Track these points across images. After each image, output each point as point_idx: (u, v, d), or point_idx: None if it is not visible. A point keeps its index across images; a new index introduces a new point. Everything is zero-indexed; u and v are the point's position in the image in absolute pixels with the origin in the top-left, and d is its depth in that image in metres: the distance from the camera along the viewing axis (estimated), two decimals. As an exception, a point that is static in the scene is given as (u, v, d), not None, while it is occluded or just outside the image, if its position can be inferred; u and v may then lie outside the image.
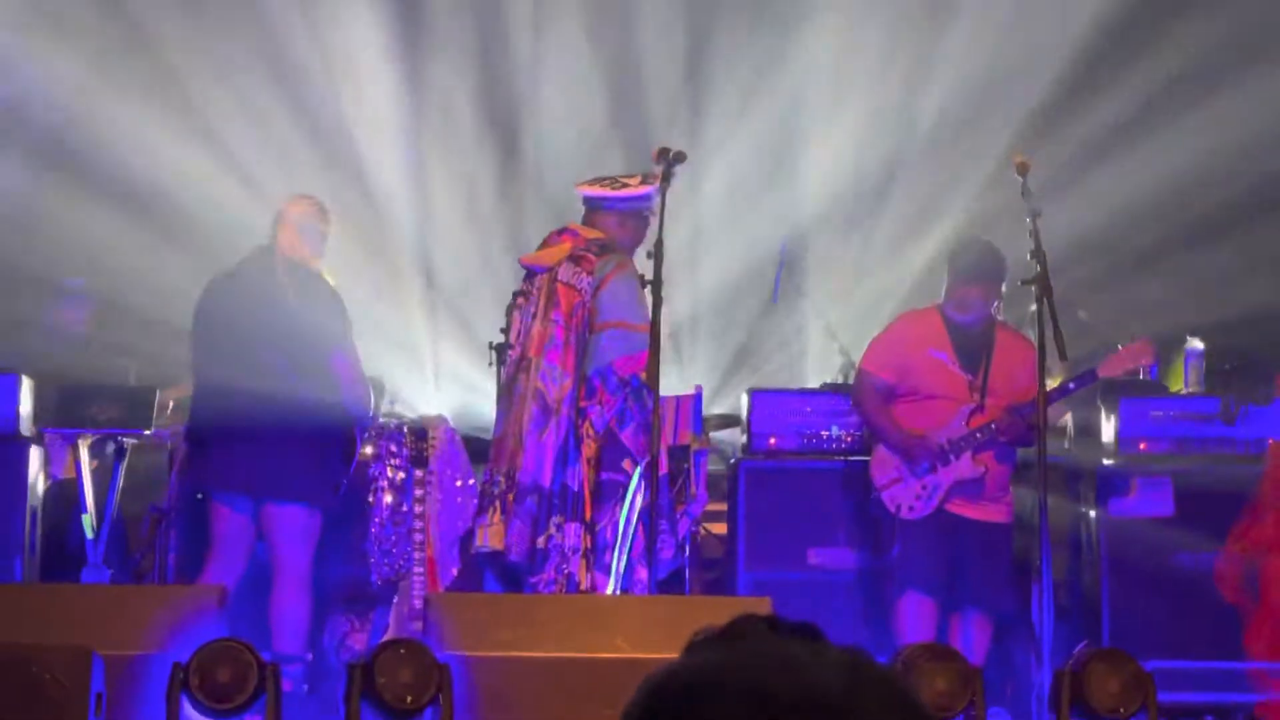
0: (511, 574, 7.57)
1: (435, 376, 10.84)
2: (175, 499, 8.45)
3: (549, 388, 7.51)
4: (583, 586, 7.40)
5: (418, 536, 7.88)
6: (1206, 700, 8.18)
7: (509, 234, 11.11)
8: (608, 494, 7.47)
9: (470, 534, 7.93)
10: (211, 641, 6.11)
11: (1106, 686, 6.40)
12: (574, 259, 7.65)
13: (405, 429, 8.33)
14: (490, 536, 7.51)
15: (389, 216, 11.07)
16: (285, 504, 7.72)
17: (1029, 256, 7.35)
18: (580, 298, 7.57)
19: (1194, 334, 9.14)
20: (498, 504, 7.51)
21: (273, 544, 7.77)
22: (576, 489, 7.49)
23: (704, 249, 11.20)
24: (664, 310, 7.28)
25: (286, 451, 7.69)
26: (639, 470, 7.42)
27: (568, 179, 10.71)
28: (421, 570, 7.81)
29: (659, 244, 7.28)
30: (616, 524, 7.42)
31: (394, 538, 8.21)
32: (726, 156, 11.28)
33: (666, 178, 7.42)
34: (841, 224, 11.40)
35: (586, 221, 7.85)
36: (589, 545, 7.46)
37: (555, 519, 7.46)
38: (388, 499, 8.28)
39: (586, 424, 7.52)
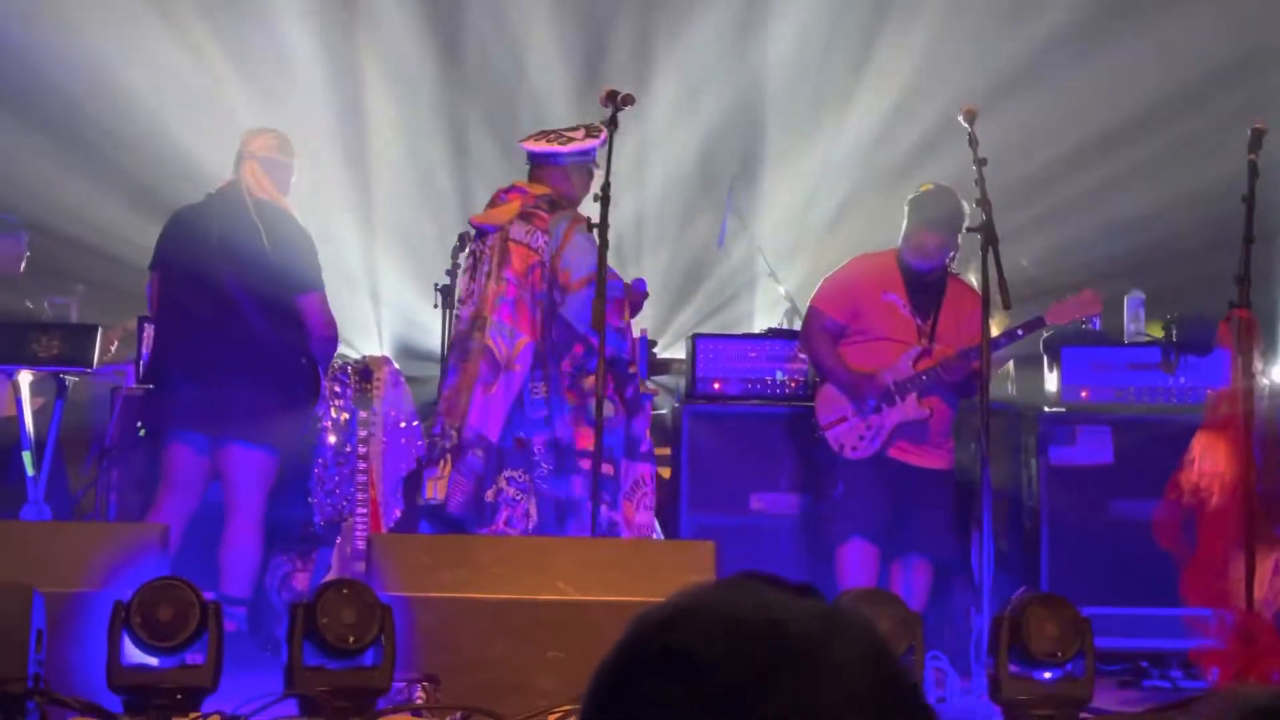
0: (451, 526, 7.60)
1: (374, 304, 10.83)
2: (117, 437, 8.41)
3: (499, 345, 7.55)
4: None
5: (361, 478, 7.86)
6: (1143, 646, 8.27)
7: (451, 158, 11.10)
8: (639, 406, 7.61)
9: (413, 479, 7.99)
10: (153, 580, 6.10)
11: (1044, 631, 6.45)
12: (524, 216, 7.66)
13: (350, 369, 8.31)
14: (438, 489, 7.56)
15: (326, 141, 10.98)
16: (249, 447, 7.66)
17: (975, 204, 7.37)
18: (537, 257, 7.60)
19: (1136, 283, 9.20)
20: (448, 457, 7.56)
21: (231, 486, 7.72)
22: (569, 441, 7.54)
23: (651, 166, 11.23)
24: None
25: (253, 393, 7.62)
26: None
27: (510, 97, 10.73)
28: (365, 511, 7.80)
29: (606, 186, 7.28)
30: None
31: (337, 478, 8.20)
32: (675, 76, 11.28)
33: (614, 121, 7.42)
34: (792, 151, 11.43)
35: (533, 177, 7.84)
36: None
37: (508, 473, 7.51)
38: (331, 439, 8.27)
39: (580, 374, 7.59)
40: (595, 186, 7.55)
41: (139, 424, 8.07)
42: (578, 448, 7.50)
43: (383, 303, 10.91)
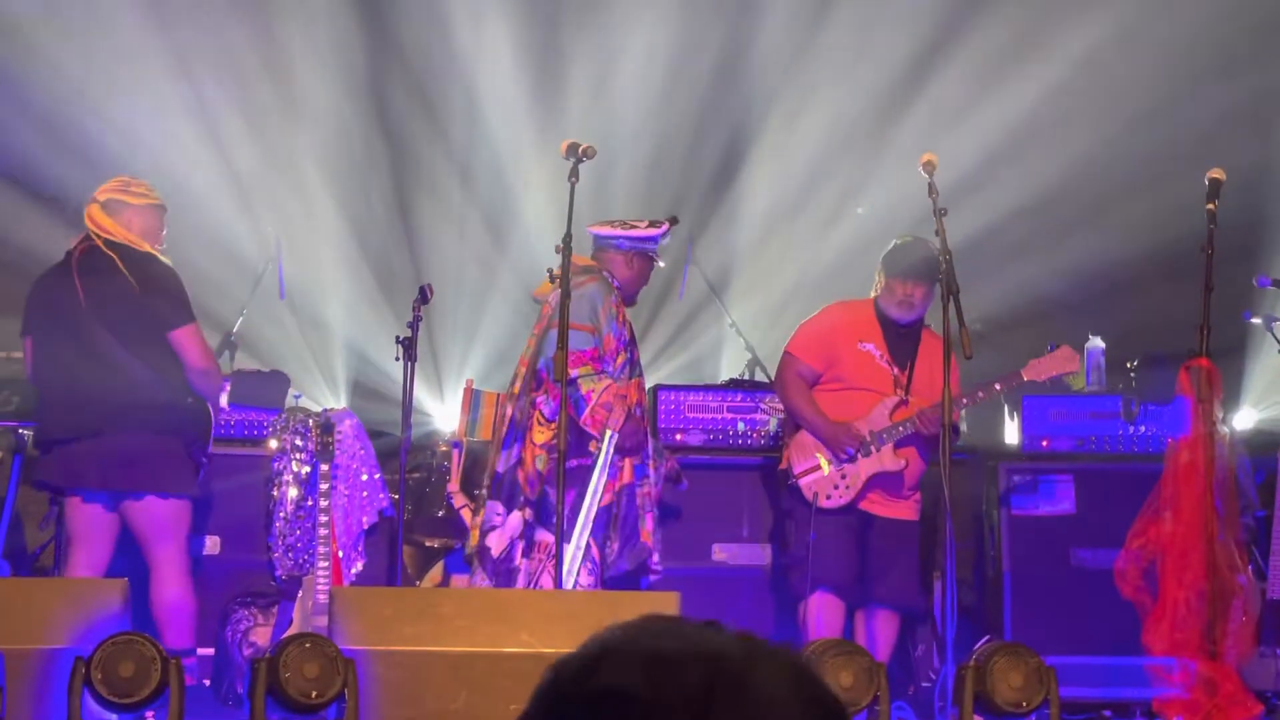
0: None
1: (328, 349, 10.80)
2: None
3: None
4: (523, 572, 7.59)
5: (322, 531, 7.84)
6: (1106, 695, 8.28)
7: (405, 203, 11.12)
8: (575, 479, 7.59)
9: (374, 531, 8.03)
10: (114, 636, 6.06)
11: (1009, 680, 6.46)
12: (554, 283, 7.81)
13: (310, 422, 8.29)
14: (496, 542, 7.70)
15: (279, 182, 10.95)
16: (142, 496, 7.54)
17: (935, 253, 7.38)
18: (549, 309, 7.72)
19: (1095, 332, 9.23)
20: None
21: (143, 540, 7.58)
22: (503, 471, 7.63)
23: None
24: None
25: (142, 442, 7.51)
26: (606, 442, 7.64)
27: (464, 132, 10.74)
28: (326, 565, 7.77)
29: (567, 238, 7.32)
30: (578, 509, 7.56)
31: (298, 532, 8.17)
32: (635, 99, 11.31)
33: (575, 173, 7.45)
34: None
35: (595, 258, 8.02)
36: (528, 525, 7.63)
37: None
38: (292, 493, 8.23)
39: (537, 413, 7.64)
40: (651, 275, 8.09)
41: (45, 488, 7.92)
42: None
43: (338, 348, 10.87)
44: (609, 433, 7.61)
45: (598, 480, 7.60)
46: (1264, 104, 10.88)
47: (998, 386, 8.12)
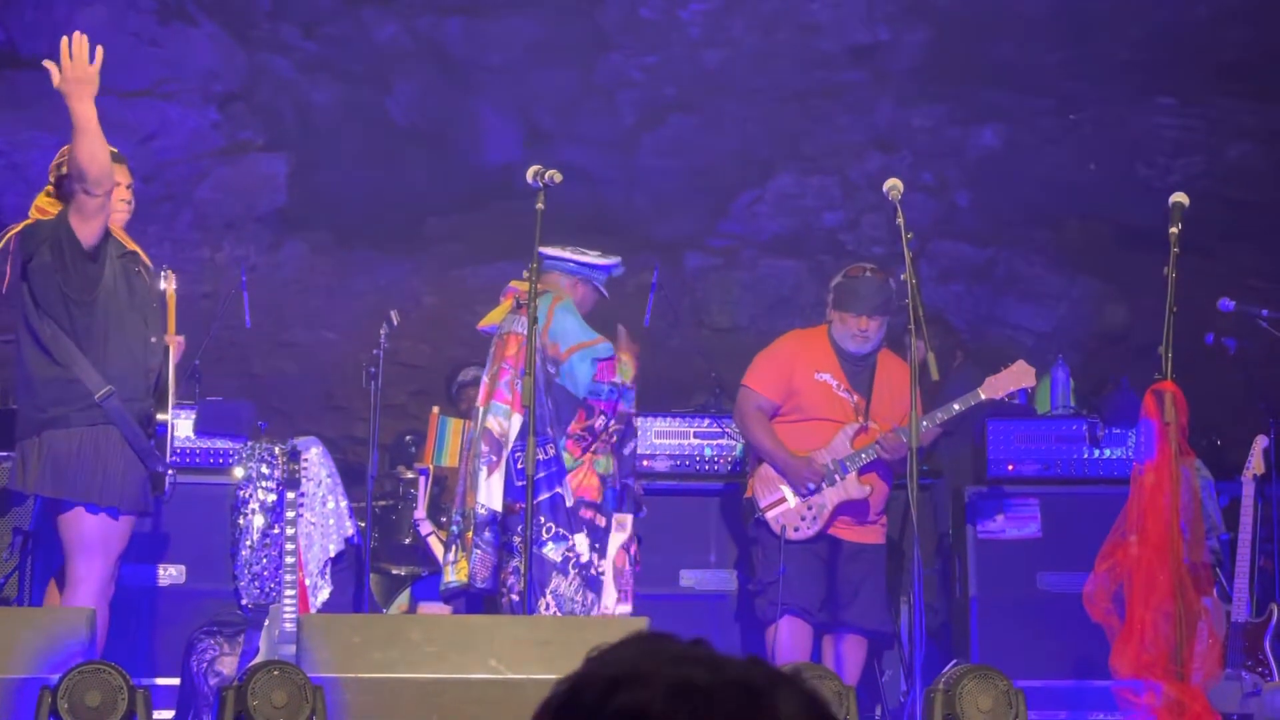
0: (481, 600, 7.69)
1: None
2: (39, 519, 8.30)
3: (496, 425, 7.63)
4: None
5: (289, 559, 7.81)
6: (1074, 718, 8.29)
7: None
8: (628, 501, 7.73)
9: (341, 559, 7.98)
10: (81, 665, 6.03)
11: (978, 704, 6.46)
12: (516, 309, 7.78)
13: (277, 450, 8.26)
14: (455, 573, 7.61)
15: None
16: (69, 505, 6.93)
17: (901, 279, 7.40)
18: (522, 337, 7.65)
19: (1062, 356, 9.26)
20: (458, 543, 7.62)
21: (64, 551, 7.03)
22: (571, 505, 7.61)
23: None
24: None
25: (68, 441, 6.91)
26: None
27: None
28: (293, 593, 7.75)
29: (537, 258, 7.35)
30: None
31: (264, 560, 8.14)
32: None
33: (541, 198, 7.45)
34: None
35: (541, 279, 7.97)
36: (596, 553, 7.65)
37: (504, 537, 7.61)
38: (258, 521, 8.21)
39: (597, 443, 7.65)
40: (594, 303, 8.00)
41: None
42: (575, 496, 7.58)
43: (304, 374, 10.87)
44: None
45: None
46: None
47: (957, 407, 8.12)
